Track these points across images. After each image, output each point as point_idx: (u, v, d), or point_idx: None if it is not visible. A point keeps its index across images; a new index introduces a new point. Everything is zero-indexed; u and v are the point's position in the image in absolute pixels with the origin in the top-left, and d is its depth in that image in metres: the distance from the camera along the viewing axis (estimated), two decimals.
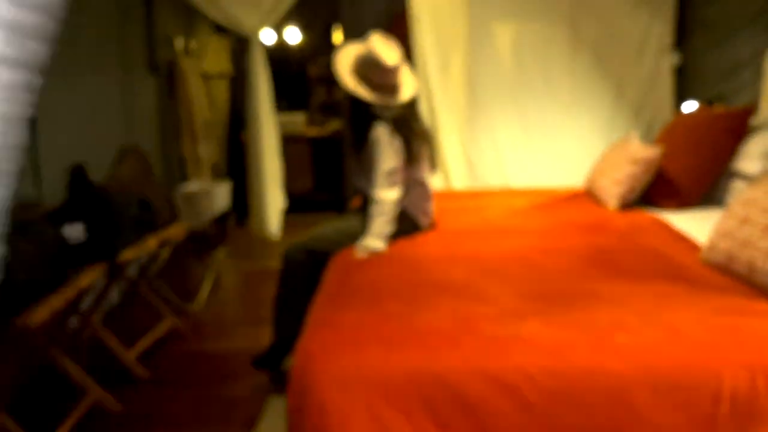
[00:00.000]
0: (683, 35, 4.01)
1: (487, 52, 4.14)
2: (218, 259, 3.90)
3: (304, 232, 2.55)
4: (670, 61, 4.05)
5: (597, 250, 2.10)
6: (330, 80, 6.24)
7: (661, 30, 4.00)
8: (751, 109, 2.88)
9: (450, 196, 3.54)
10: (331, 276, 2.01)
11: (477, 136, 4.17)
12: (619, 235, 2.34)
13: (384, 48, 2.43)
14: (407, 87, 2.53)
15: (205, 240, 3.53)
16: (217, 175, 5.55)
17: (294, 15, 4.84)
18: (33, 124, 2.84)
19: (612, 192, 2.84)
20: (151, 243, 2.74)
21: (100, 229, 2.49)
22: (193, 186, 4.82)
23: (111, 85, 3.84)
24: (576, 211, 2.81)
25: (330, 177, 6.09)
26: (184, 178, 4.97)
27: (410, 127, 2.50)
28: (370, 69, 2.42)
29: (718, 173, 2.82)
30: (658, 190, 2.87)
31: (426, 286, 1.80)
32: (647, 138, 4.10)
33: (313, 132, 6.15)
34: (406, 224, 2.49)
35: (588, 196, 3.15)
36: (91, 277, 2.29)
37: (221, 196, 4.87)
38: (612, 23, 4.04)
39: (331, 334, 1.50)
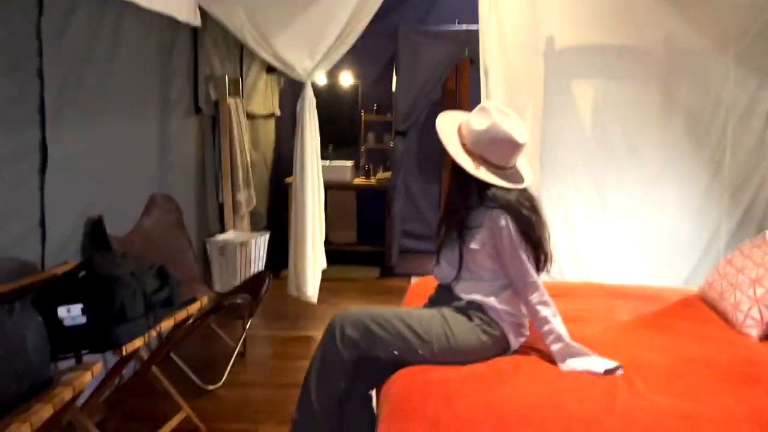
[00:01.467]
0: None
1: (564, 112, 3.65)
2: (245, 330, 3.45)
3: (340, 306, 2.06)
4: None
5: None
6: (382, 127, 5.87)
7: None
8: None
9: None
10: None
11: (547, 212, 3.64)
12: None
13: (511, 122, 2.00)
14: (525, 169, 2.12)
15: (237, 306, 3.09)
16: (256, 223, 5.18)
17: (349, 58, 4.49)
18: (41, 173, 2.50)
19: (753, 315, 2.10)
20: (166, 324, 2.31)
21: (102, 313, 2.07)
22: (228, 236, 4.44)
23: (147, 128, 3.48)
24: (704, 337, 2.09)
25: (374, 229, 5.65)
26: (221, 227, 4.60)
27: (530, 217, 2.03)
28: (491, 146, 1.98)
29: None
30: None
31: None
32: (749, 226, 3.54)
33: (360, 181, 5.74)
34: (494, 343, 1.95)
35: (705, 307, 2.42)
36: (86, 378, 1.86)
37: (258, 247, 4.46)
38: (711, 87, 3.52)
39: None
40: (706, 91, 3.52)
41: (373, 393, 1.96)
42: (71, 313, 2.07)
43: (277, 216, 5.62)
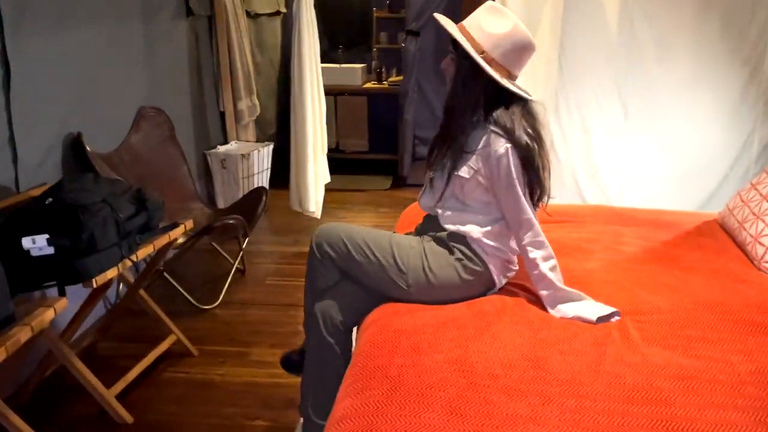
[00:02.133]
0: None
1: (586, 8, 3.27)
2: (243, 248, 3.35)
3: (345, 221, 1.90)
4: None
5: None
6: (396, 24, 5.46)
7: None
8: None
9: None
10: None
11: (564, 120, 3.36)
12: None
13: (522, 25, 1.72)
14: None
15: (230, 226, 2.97)
16: (264, 132, 4.98)
17: None
18: (5, 89, 2.32)
19: None
20: (143, 252, 2.20)
21: (69, 244, 1.95)
22: (230, 147, 4.27)
23: (130, 34, 3.23)
24: (716, 274, 1.85)
25: (387, 137, 5.41)
26: (224, 138, 4.41)
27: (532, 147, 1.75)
28: (514, 53, 1.71)
29: None
30: None
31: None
32: None
33: (372, 85, 5.43)
34: (478, 281, 1.77)
35: (724, 236, 2.17)
36: (47, 316, 1.77)
37: (261, 159, 4.29)
38: None
39: None
40: None
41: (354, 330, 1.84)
42: (37, 244, 1.96)
43: (288, 123, 5.39)
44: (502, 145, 1.68)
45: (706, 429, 1.15)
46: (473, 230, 1.74)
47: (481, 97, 1.73)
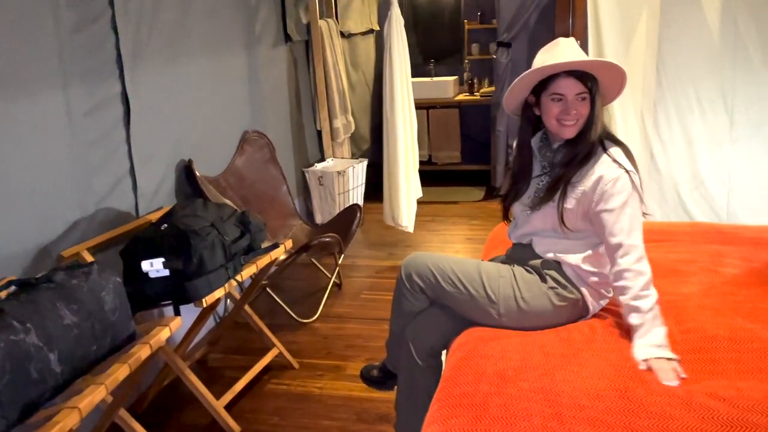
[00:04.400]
0: None
1: (686, 14, 3.14)
2: (340, 263, 3.48)
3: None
4: None
5: None
6: (488, 35, 5.46)
7: None
8: None
9: None
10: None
11: (664, 131, 3.24)
12: None
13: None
14: None
15: (326, 244, 3.11)
16: (359, 147, 5.14)
17: None
18: (126, 124, 2.56)
19: None
20: (247, 272, 2.36)
21: (182, 266, 2.14)
22: (326, 164, 4.44)
23: (233, 65, 3.46)
24: None
25: (479, 147, 5.41)
26: (321, 155, 4.60)
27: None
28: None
29: None
30: None
31: None
32: None
33: (463, 96, 5.45)
34: (570, 308, 1.76)
35: None
36: (164, 335, 1.95)
37: (356, 175, 4.44)
38: None
39: None
40: None
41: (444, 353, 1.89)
42: (154, 267, 2.17)
43: (382, 138, 5.52)
44: (615, 170, 1.66)
45: None
46: (569, 256, 1.74)
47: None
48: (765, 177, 3.17)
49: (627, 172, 1.65)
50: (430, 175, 5.23)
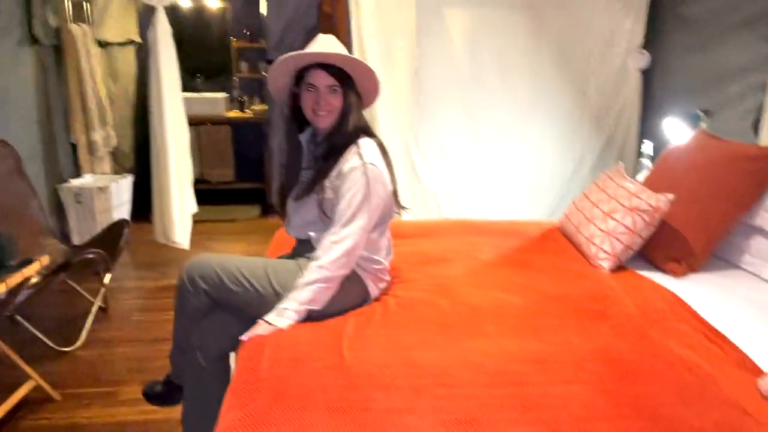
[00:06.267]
0: (656, 35, 3.53)
1: (437, 41, 3.54)
2: (105, 284, 3.18)
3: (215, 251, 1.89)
4: (638, 62, 3.57)
5: (614, 368, 1.44)
6: (257, 54, 5.51)
7: (632, 26, 3.51)
8: None
9: (395, 229, 2.16)
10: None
11: (423, 143, 3.59)
12: (635, 332, 1.64)
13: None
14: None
15: (91, 261, 2.82)
16: (122, 165, 4.77)
17: None
18: None
19: (605, 248, 2.12)
20: None
21: None
22: (84, 181, 4.06)
23: None
24: (560, 273, 2.08)
25: (252, 165, 5.41)
26: (77, 171, 4.18)
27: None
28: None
29: (730, 229, 2.17)
30: (657, 247, 2.16)
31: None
32: (610, 155, 3.68)
33: (235, 114, 5.41)
34: (352, 293, 1.83)
35: (564, 240, 2.44)
36: None
37: (120, 192, 4.12)
38: (579, 13, 3.52)
39: None
40: (574, 17, 3.52)
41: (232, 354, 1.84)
42: None
43: (148, 155, 5.21)
44: (355, 161, 1.77)
45: (556, 402, 1.32)
46: None
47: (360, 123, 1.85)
48: (505, 185, 3.69)
49: (364, 164, 1.75)
50: (204, 194, 5.03)
